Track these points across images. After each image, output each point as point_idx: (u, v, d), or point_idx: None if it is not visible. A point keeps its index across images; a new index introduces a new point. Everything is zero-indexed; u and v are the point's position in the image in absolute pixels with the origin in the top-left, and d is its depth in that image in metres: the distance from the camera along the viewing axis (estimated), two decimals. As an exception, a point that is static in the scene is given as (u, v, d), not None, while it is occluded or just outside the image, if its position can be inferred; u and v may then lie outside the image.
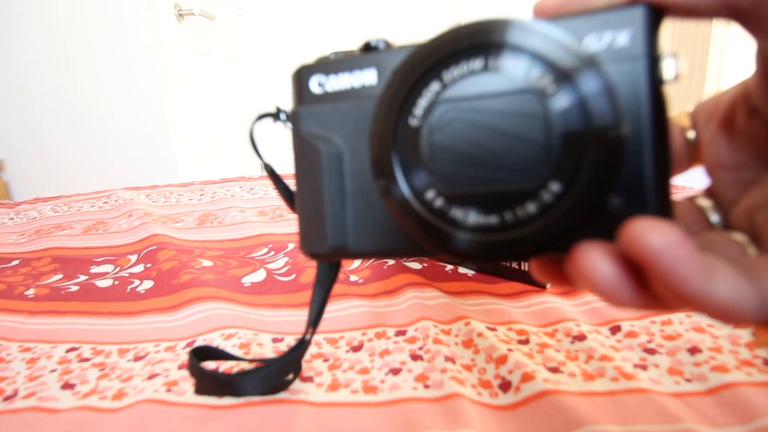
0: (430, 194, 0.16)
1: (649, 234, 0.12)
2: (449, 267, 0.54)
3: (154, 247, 0.67)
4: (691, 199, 0.20)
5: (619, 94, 0.14)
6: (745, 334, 0.36)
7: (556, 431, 0.29)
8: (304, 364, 0.38)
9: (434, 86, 0.15)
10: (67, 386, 0.37)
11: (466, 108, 0.15)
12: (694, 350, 0.36)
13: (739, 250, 0.16)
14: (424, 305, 0.45)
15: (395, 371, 0.36)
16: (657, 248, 0.12)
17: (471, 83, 0.15)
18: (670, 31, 1.93)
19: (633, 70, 0.14)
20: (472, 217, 0.15)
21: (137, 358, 0.41)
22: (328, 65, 0.17)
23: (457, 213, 0.15)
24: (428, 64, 0.15)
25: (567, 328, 0.40)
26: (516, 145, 0.15)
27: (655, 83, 0.14)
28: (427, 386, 0.34)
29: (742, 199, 0.18)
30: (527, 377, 0.33)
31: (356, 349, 0.40)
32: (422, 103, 0.15)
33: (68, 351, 0.43)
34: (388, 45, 0.17)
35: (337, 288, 0.50)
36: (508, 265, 0.49)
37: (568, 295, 0.46)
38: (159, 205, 0.92)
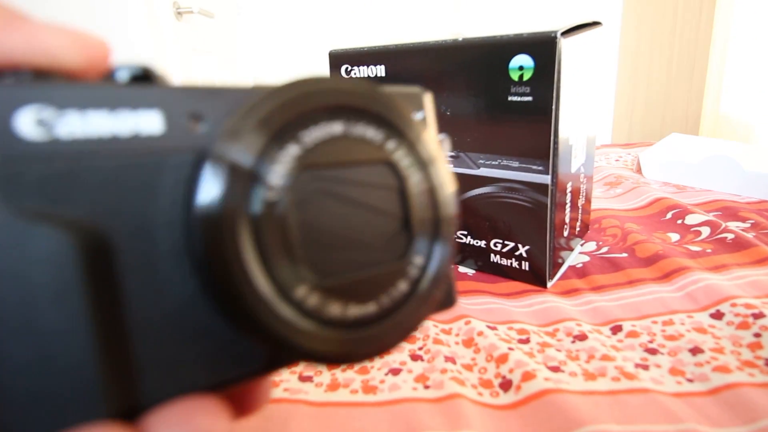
0: (301, 291, 0.12)
1: None
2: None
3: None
4: None
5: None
6: (747, 336, 0.36)
7: (557, 431, 0.29)
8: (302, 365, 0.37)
9: (292, 149, 0.12)
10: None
11: (329, 178, 0.13)
12: (695, 350, 0.35)
13: None
14: (423, 304, 0.45)
15: (395, 371, 0.36)
16: None
17: (332, 149, 0.13)
18: (671, 24, 1.88)
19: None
20: (353, 310, 0.13)
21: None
22: (56, 92, 0.10)
23: (335, 309, 0.12)
24: (286, 118, 0.12)
25: (568, 328, 0.40)
26: (377, 219, 0.14)
27: None
28: (427, 386, 0.34)
29: None
30: (528, 376, 0.33)
31: (356, 348, 0.39)
32: (279, 169, 0.12)
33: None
34: (155, 78, 0.12)
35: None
36: (509, 264, 0.49)
37: (569, 295, 0.46)
38: (157, 204, 0.92)
